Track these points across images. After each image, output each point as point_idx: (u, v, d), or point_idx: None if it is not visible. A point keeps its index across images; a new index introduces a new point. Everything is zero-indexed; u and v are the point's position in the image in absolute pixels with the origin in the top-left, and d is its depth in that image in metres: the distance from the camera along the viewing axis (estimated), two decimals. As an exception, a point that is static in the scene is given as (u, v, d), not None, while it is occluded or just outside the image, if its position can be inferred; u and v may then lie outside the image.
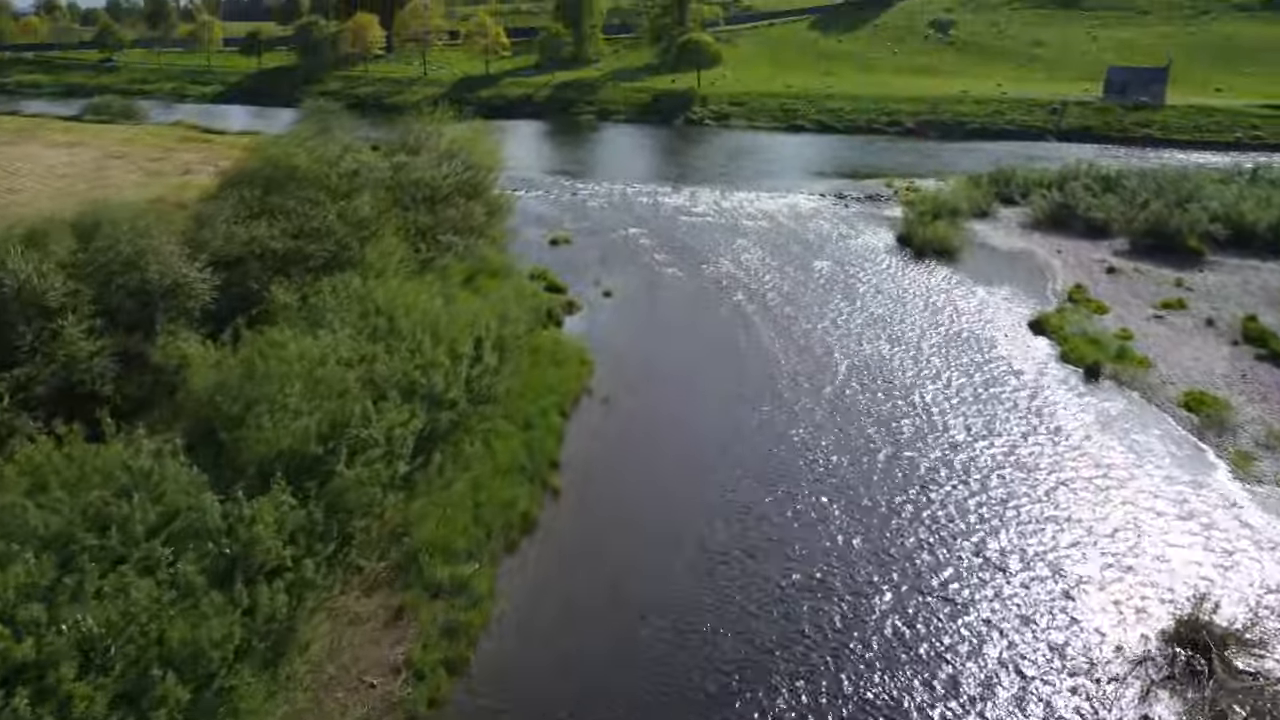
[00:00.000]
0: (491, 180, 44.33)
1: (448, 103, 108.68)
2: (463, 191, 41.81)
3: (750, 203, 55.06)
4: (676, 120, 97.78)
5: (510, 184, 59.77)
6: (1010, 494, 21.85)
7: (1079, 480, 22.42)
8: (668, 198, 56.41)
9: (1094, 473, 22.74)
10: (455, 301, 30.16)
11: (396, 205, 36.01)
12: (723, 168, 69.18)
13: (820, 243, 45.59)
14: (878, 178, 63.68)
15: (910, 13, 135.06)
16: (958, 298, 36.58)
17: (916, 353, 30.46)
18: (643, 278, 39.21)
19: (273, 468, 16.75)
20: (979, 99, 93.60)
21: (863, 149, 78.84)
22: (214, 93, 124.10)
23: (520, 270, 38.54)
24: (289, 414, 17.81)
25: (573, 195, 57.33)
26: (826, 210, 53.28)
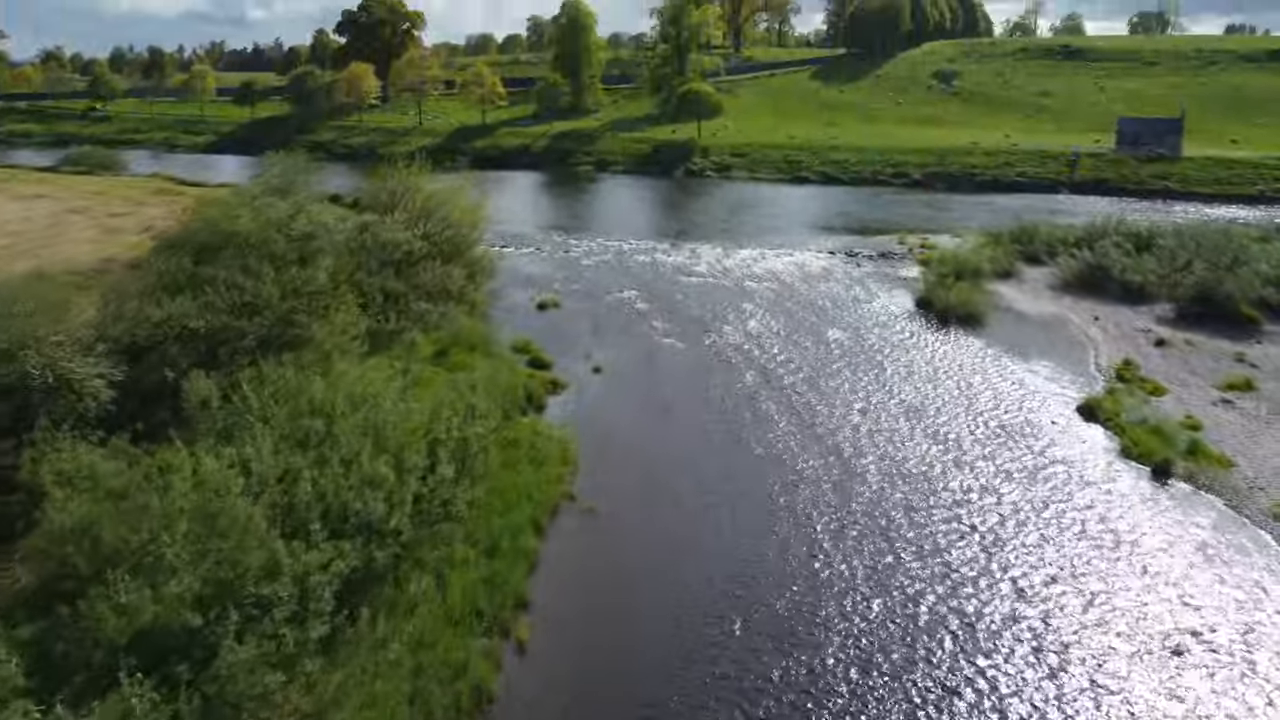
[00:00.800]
0: (473, 240, 40.43)
1: (442, 153, 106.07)
2: (440, 253, 37.91)
3: (755, 261, 51.12)
4: (677, 171, 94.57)
5: (499, 240, 56.04)
6: (1120, 681, 16.52)
7: (1202, 652, 17.27)
8: (667, 255, 52.49)
9: (1216, 637, 17.83)
10: (417, 387, 25.93)
11: (361, 270, 31.97)
12: (725, 222, 65.44)
13: (833, 308, 41.47)
14: (889, 233, 59.88)
15: (913, 63, 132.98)
16: (994, 376, 32.30)
17: (958, 452, 26.05)
18: (638, 350, 34.97)
19: (128, 654, 12.32)
20: (988, 150, 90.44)
21: (870, 202, 75.27)
22: (206, 143, 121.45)
23: (501, 342, 34.39)
24: (162, 572, 13.44)
25: (565, 253, 53.42)
26: (838, 270, 49.29)
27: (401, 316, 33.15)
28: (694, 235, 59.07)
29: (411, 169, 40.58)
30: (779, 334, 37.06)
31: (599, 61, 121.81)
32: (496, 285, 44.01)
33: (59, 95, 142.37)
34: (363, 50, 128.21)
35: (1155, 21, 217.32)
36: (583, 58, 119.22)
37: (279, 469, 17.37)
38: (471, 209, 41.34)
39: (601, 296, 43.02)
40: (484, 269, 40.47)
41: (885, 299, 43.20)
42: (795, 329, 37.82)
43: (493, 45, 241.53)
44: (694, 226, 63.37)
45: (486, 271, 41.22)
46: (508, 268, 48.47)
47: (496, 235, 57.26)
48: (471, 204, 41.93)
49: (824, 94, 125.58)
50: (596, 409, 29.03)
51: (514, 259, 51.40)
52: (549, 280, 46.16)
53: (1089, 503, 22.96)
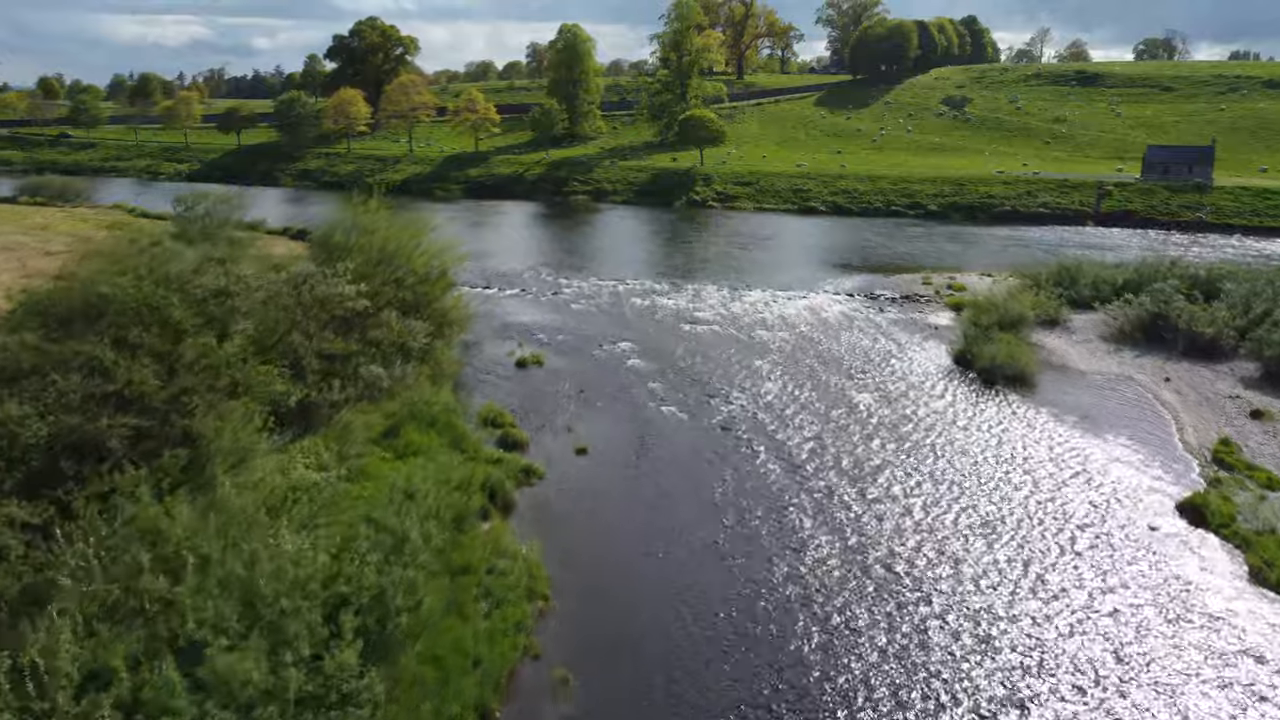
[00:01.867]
0: (443, 287, 34.70)
1: (433, 182, 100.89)
2: (401, 302, 32.20)
3: (766, 306, 45.40)
4: (678, 201, 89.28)
5: (482, 279, 50.40)
6: None
7: None
8: (668, 298, 46.78)
9: None
10: (356, 481, 20.13)
11: (297, 330, 26.20)
12: (730, 258, 59.84)
13: (859, 365, 35.63)
14: (910, 271, 54.19)
15: (922, 89, 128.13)
16: (1061, 457, 26.39)
17: (1037, 574, 20.11)
18: (631, 423, 29.11)
19: None
20: (1007, 179, 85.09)
21: (885, 234, 69.72)
22: (189, 170, 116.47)
23: (469, 412, 28.60)
24: None
25: (555, 294, 47.71)
26: (859, 316, 43.53)
27: (347, 385, 27.38)
28: (697, 273, 53.41)
29: (369, 205, 34.83)
30: (799, 401, 31.20)
31: (597, 87, 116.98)
32: (473, 336, 38.35)
33: (43, 122, 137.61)
34: (354, 76, 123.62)
35: (1162, 48, 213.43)
36: (580, 83, 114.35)
37: (77, 669, 11.47)
38: (440, 249, 35.64)
39: (592, 350, 37.22)
40: (455, 320, 34.70)
41: (917, 352, 37.38)
42: (818, 394, 31.96)
43: (492, 72, 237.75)
44: (697, 263, 57.73)
45: (459, 323, 35.46)
46: (488, 313, 42.77)
47: (480, 274, 51.77)
48: (440, 244, 36.21)
49: (830, 121, 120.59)
50: (577, 511, 23.10)
51: (497, 302, 45.71)
52: (534, 329, 40.40)
53: (1231, 666, 16.98)
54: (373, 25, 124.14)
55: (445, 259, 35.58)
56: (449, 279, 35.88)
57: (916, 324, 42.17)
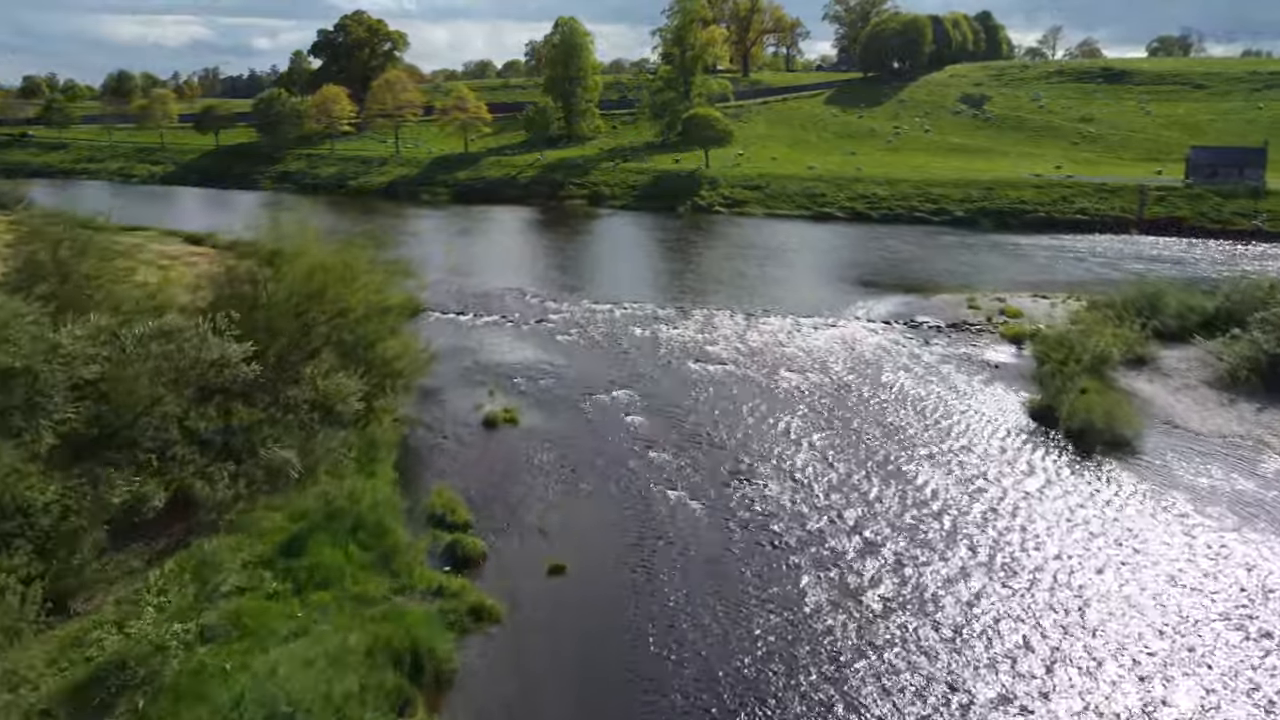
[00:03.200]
0: (388, 325, 27.22)
1: (419, 185, 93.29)
2: (331, 343, 24.81)
3: (789, 337, 37.88)
4: (681, 207, 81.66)
5: (458, 301, 42.92)
6: None
7: None
8: (673, 328, 39.25)
9: None
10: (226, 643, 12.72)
11: (156, 407, 18.74)
12: (742, 275, 52.31)
13: (912, 422, 28.13)
14: (950, 290, 46.67)
15: (937, 87, 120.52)
16: (1228, 586, 18.91)
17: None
18: (626, 517, 21.61)
19: None
20: (1039, 183, 77.50)
21: (914, 244, 62.16)
22: (163, 173, 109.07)
23: (411, 503, 21.19)
24: None
25: (541, 321, 40.21)
26: (901, 351, 35.99)
27: (239, 475, 19.95)
28: (706, 294, 45.89)
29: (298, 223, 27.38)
30: (845, 483, 23.68)
31: (596, 84, 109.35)
32: (436, 380, 30.93)
33: (13, 122, 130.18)
34: (339, 73, 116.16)
35: (1176, 46, 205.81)
36: (578, 80, 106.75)
37: None
38: (388, 277, 28.19)
39: (581, 400, 29.73)
40: (402, 370, 27.20)
41: (981, 403, 29.86)
42: (867, 470, 24.46)
43: (490, 71, 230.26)
44: (705, 281, 50.20)
45: (412, 369, 27.99)
46: (457, 349, 35.33)
47: (456, 295, 44.35)
48: (389, 270, 28.77)
49: (842, 120, 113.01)
50: (544, 686, 15.60)
51: (471, 333, 38.26)
52: (512, 370, 32.91)
53: None
54: (359, 20, 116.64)
55: (396, 291, 28.07)
56: (400, 313, 28.42)
57: (972, 361, 34.63)
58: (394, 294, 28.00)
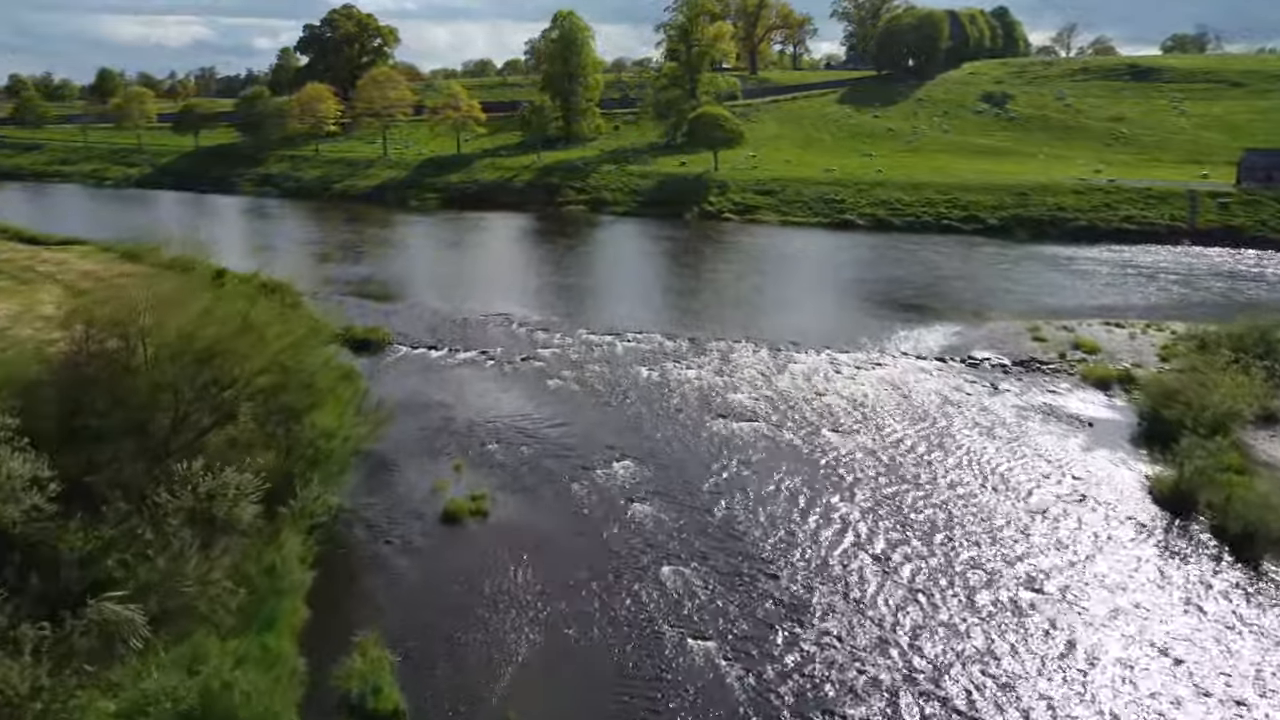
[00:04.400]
0: (310, 399, 20.40)
1: (408, 189, 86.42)
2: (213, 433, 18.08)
3: (826, 380, 30.99)
4: (688, 213, 74.84)
5: (431, 332, 36.03)
6: None
7: None
8: (685, 366, 32.36)
9: None
10: None
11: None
12: (761, 292, 45.56)
13: (1003, 513, 21.23)
14: (1007, 316, 39.70)
15: (956, 85, 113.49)
16: None
17: None
18: (634, 687, 14.80)
19: None
20: (1078, 188, 70.55)
21: (947, 256, 55.19)
22: (138, 175, 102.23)
23: (319, 673, 14.38)
24: None
25: (526, 359, 33.35)
26: (965, 400, 29.08)
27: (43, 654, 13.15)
28: (722, 321, 38.98)
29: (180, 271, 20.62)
30: (932, 621, 16.82)
31: (596, 82, 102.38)
32: (389, 445, 24.13)
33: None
34: (326, 71, 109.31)
35: (1192, 44, 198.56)
36: (577, 77, 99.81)
37: None
38: (307, 335, 21.41)
39: (570, 478, 22.87)
40: (341, 446, 20.37)
41: (1087, 483, 22.94)
42: (952, 594, 17.59)
43: (490, 70, 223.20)
44: (720, 303, 43.31)
45: (352, 444, 21.17)
46: (422, 399, 28.54)
47: (430, 324, 37.55)
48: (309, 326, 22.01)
49: (856, 120, 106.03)
50: None
51: (442, 375, 31.41)
52: (486, 431, 26.05)
53: None
54: (348, 14, 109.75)
55: (317, 351, 21.28)
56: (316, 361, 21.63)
57: (1056, 416, 27.72)
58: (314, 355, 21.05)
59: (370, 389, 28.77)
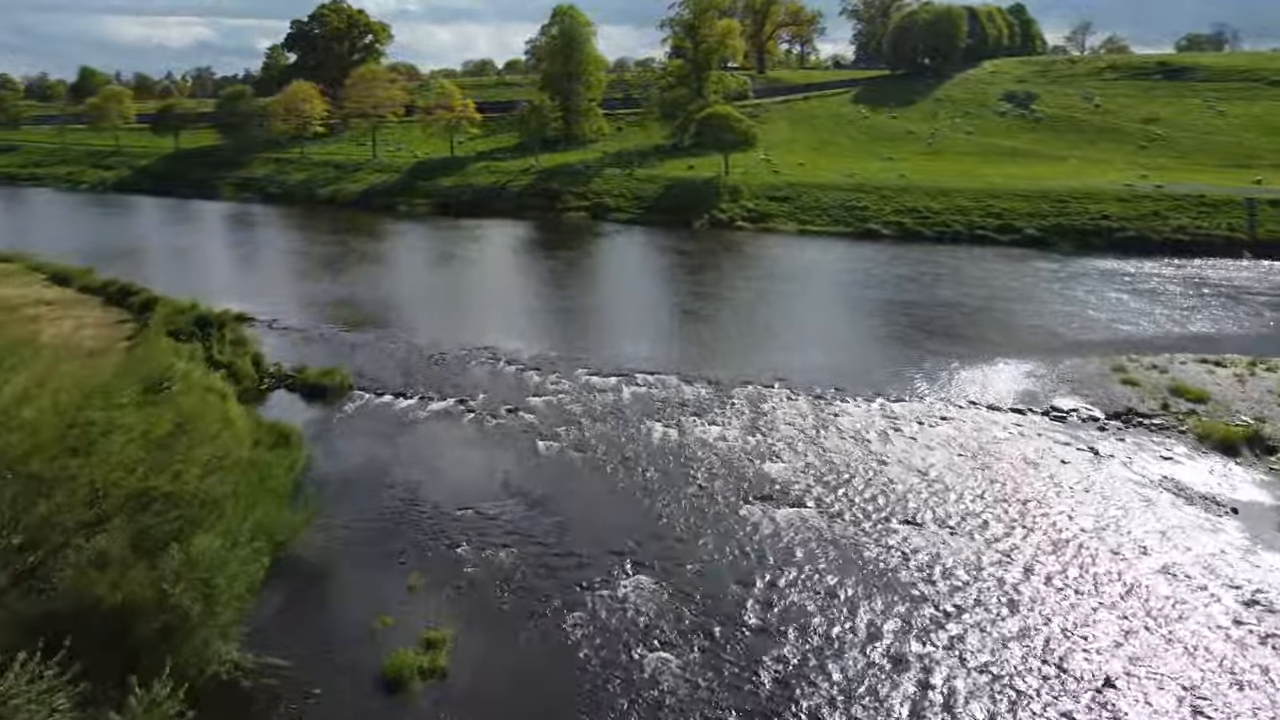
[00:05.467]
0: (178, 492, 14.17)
1: (397, 193, 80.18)
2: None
3: (882, 439, 24.77)
4: (698, 221, 68.77)
5: (403, 374, 29.75)
6: None
7: None
8: (708, 421, 26.13)
9: None
10: None
11: None
12: (790, 316, 39.42)
13: (1150, 656, 15.07)
14: (1080, 349, 33.41)
15: (976, 84, 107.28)
16: None
17: None
18: None
19: None
20: (1123, 194, 64.35)
21: (993, 272, 48.86)
22: (114, 178, 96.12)
23: None
24: None
25: (515, 409, 27.16)
26: (1059, 469, 22.76)
27: None
28: (746, 358, 32.73)
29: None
30: None
31: (599, 80, 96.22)
32: (323, 545, 17.96)
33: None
34: (314, 68, 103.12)
35: (1208, 44, 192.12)
36: (578, 76, 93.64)
37: None
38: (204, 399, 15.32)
39: (565, 604, 16.64)
40: (235, 579, 14.19)
41: (1265, 621, 16.77)
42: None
43: (491, 70, 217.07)
44: (741, 333, 37.08)
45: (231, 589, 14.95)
46: (376, 473, 22.37)
47: (400, 363, 31.33)
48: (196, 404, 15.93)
49: (872, 121, 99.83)
50: None
51: (408, 436, 25.22)
52: (455, 524, 19.83)
53: None
54: (337, 9, 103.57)
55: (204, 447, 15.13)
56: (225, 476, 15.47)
57: (1182, 495, 21.47)
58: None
59: (314, 456, 22.66)
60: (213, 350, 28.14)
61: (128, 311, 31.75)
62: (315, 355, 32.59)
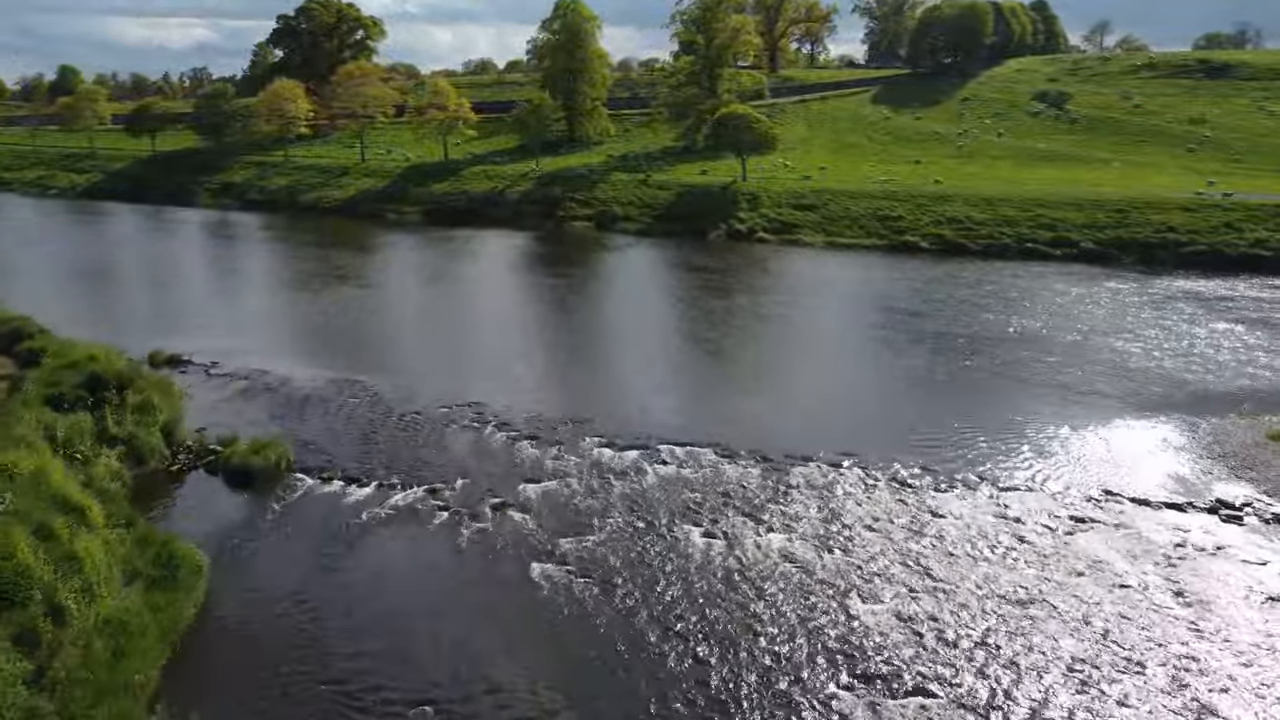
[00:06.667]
0: None
1: (385, 200, 72.97)
2: None
3: (1009, 556, 17.65)
4: (714, 232, 61.78)
5: (360, 445, 22.42)
6: None
7: None
8: (761, 528, 18.97)
9: None
10: None
11: None
12: (839, 356, 32.35)
13: None
14: (1215, 405, 26.22)
15: (1004, 83, 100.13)
16: None
17: None
18: None
19: None
20: (1184, 204, 57.21)
21: (1064, 295, 41.49)
22: (87, 183, 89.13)
23: None
24: None
25: (500, 507, 20.11)
26: (1273, 618, 15.84)
27: None
28: (797, 418, 25.64)
29: None
30: None
31: (603, 78, 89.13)
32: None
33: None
34: (303, 66, 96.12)
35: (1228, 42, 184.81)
36: (581, 74, 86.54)
37: None
38: None
39: None
40: None
41: None
42: None
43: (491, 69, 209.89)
44: (785, 380, 29.93)
45: None
46: (292, 646, 15.27)
47: (363, 427, 24.19)
48: None
49: (895, 122, 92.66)
50: None
51: (352, 556, 18.10)
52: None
53: None
54: (325, 3, 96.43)
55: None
56: None
57: None
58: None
59: (214, 598, 15.66)
60: (107, 421, 21.06)
61: (13, 363, 24.74)
62: (256, 415, 25.59)
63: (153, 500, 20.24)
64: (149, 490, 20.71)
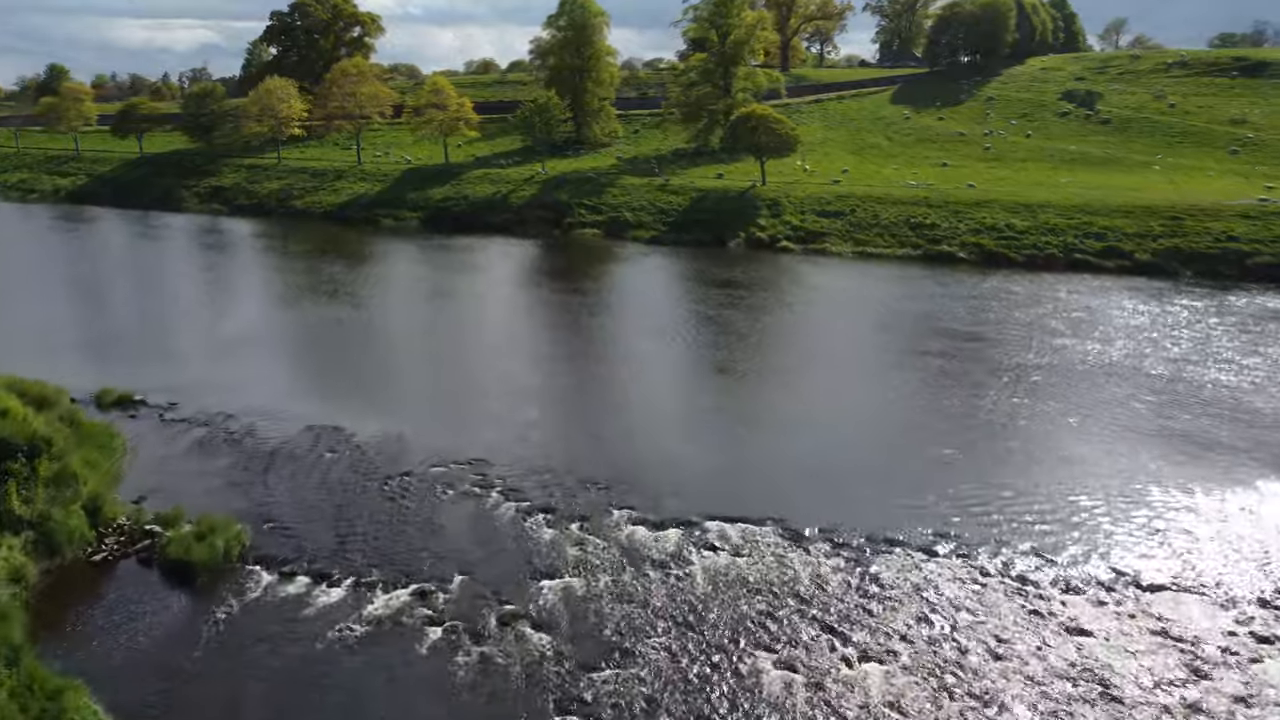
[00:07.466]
0: None
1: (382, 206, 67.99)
2: None
3: (1192, 702, 13.14)
4: (733, 240, 57.29)
5: (333, 526, 17.14)
6: None
7: None
8: (843, 642, 14.40)
9: None
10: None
11: None
12: (895, 391, 27.62)
13: None
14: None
15: (1029, 82, 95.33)
16: None
17: None
18: None
19: None
20: (1244, 211, 52.54)
21: (1139, 314, 36.77)
22: (71, 187, 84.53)
23: None
24: None
25: (508, 623, 15.51)
26: None
27: None
28: (868, 482, 21.01)
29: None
30: None
31: (611, 77, 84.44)
32: None
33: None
34: (298, 64, 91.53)
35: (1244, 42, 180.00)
36: (588, 72, 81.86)
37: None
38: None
39: None
40: None
41: None
42: None
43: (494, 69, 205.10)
44: (842, 427, 25.24)
45: None
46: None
47: (337, 502, 19.43)
48: None
49: (916, 123, 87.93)
50: None
51: (311, 698, 13.49)
52: None
53: None
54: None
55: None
56: None
57: None
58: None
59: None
60: (11, 501, 16.48)
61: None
62: (210, 478, 21.00)
63: (62, 608, 15.66)
64: (61, 591, 16.15)
